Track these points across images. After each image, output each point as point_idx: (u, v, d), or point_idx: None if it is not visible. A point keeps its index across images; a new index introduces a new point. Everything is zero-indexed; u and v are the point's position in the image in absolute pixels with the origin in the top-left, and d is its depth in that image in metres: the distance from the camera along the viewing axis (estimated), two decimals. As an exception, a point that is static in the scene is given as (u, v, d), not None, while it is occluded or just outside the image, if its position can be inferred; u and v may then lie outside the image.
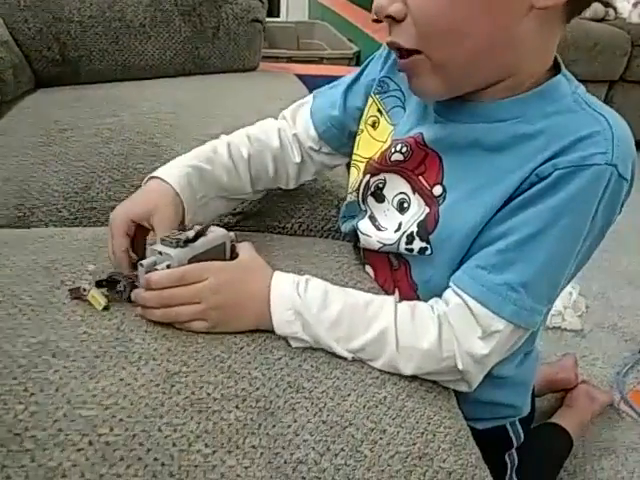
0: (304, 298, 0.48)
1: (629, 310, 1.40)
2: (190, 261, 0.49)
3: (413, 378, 0.50)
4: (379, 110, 0.59)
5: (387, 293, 0.58)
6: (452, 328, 0.48)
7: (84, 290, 0.49)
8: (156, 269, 0.47)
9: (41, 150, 0.83)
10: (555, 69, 0.49)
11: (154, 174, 0.57)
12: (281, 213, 0.74)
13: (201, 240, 0.50)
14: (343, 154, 0.67)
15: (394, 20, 0.44)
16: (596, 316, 1.36)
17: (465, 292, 0.47)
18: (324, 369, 0.48)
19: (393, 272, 0.57)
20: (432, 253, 0.51)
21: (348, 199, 0.63)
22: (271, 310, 0.48)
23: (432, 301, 0.51)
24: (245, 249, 0.54)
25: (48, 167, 0.78)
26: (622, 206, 0.49)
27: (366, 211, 0.60)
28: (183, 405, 0.42)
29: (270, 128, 0.66)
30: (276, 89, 1.19)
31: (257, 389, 0.44)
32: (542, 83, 0.48)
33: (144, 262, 0.47)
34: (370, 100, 0.61)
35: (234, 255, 0.54)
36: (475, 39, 0.44)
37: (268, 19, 2.53)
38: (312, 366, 0.48)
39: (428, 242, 0.51)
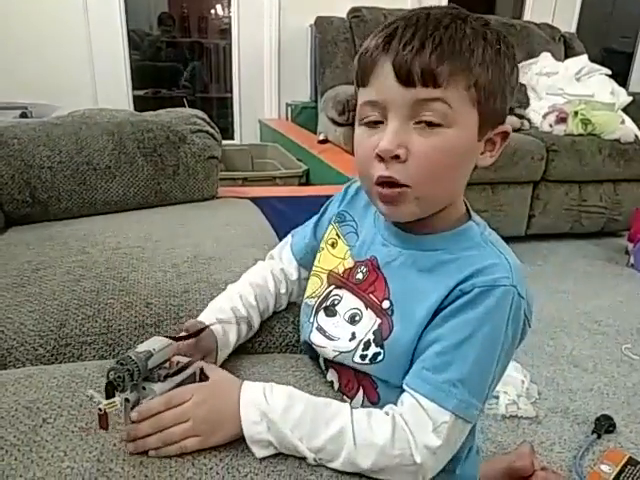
0: (270, 400, 0.56)
1: (578, 393, 1.47)
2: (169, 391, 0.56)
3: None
4: (337, 234, 0.74)
5: (350, 394, 0.66)
6: (407, 426, 0.55)
7: (100, 410, 0.53)
8: (141, 403, 0.54)
9: (15, 291, 0.89)
10: (467, 213, 0.66)
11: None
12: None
13: (179, 373, 0.58)
14: None
15: (397, 161, 0.56)
16: (549, 402, 1.42)
17: (416, 392, 0.57)
18: (287, 482, 0.53)
19: (356, 373, 0.65)
20: (384, 358, 0.61)
21: (307, 302, 0.74)
22: (240, 413, 0.55)
23: (387, 407, 0.59)
24: (213, 370, 0.62)
25: (23, 308, 0.84)
26: (529, 321, 0.60)
27: (313, 323, 0.70)
28: (161, 528, 0.47)
29: (265, 273, 0.81)
30: (233, 216, 1.31)
31: (227, 505, 0.50)
32: (460, 226, 0.63)
33: (130, 397, 0.54)
34: (330, 227, 0.76)
35: (203, 379, 0.61)
36: (449, 180, 0.59)
37: (225, 142, 2.75)
38: None
39: (382, 347, 0.61)
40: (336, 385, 0.69)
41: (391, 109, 0.55)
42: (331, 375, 0.70)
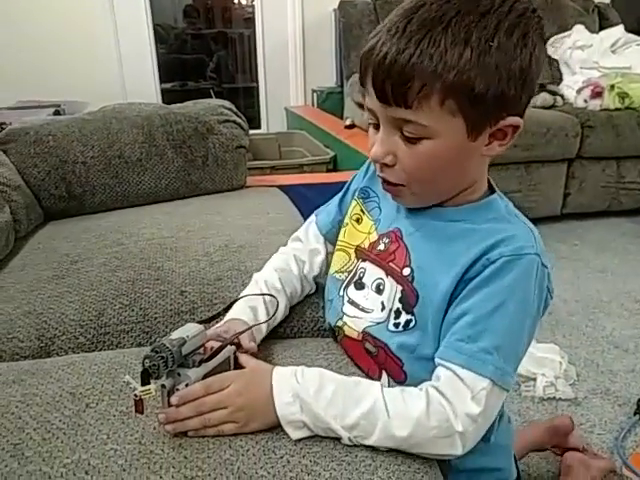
0: (301, 382, 0.57)
1: (619, 374, 1.43)
2: (204, 377, 0.58)
3: (402, 462, 0.56)
4: (362, 210, 0.75)
5: (374, 378, 0.67)
6: (444, 398, 0.56)
7: (135, 396, 0.54)
8: (177, 389, 0.56)
9: (56, 283, 0.93)
10: (490, 189, 0.66)
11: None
12: (275, 320, 0.83)
13: (213, 358, 0.59)
14: None
15: (387, 166, 0.60)
16: (588, 383, 1.40)
17: (452, 362, 0.57)
18: (322, 462, 0.54)
19: (374, 358, 0.66)
20: (416, 324, 0.62)
21: (335, 277, 0.74)
22: (273, 395, 0.57)
23: (420, 385, 0.59)
24: (247, 358, 0.64)
25: (64, 298, 0.88)
26: (550, 292, 0.61)
27: (343, 297, 0.71)
28: (201, 506, 0.48)
29: (287, 257, 0.82)
30: (262, 204, 1.32)
31: (264, 486, 0.51)
32: (483, 199, 0.64)
33: (166, 383, 0.55)
34: (354, 203, 0.76)
35: (237, 365, 0.63)
36: (445, 180, 0.61)
37: (252, 132, 2.77)
38: (311, 461, 0.54)
39: (412, 314, 0.62)
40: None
41: (380, 119, 0.58)
42: (355, 364, 0.71)
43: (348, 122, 2.54)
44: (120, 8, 2.95)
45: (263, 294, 0.76)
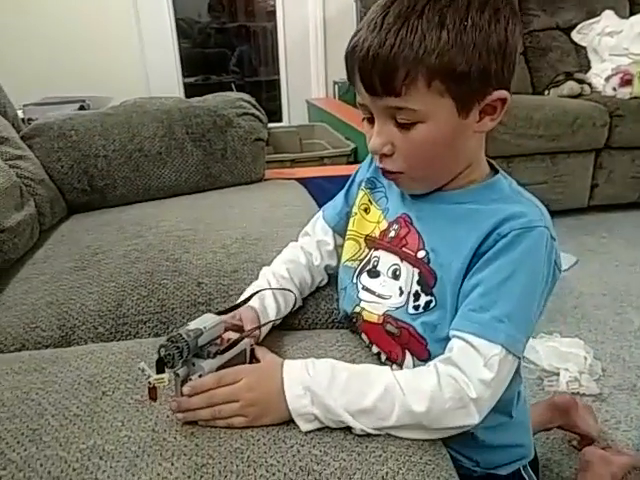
0: (312, 374, 0.58)
1: (646, 370, 1.41)
2: (218, 369, 0.58)
3: (414, 453, 0.56)
4: (369, 200, 0.76)
5: (398, 360, 0.67)
6: (457, 367, 0.57)
7: (149, 384, 0.56)
8: (190, 379, 0.56)
9: (77, 274, 0.95)
10: (493, 171, 0.67)
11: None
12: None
13: (229, 350, 0.60)
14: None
15: (386, 156, 0.61)
16: (614, 379, 1.37)
17: (464, 332, 0.58)
18: (331, 453, 0.54)
19: (396, 339, 0.67)
20: (436, 304, 0.63)
21: (347, 265, 0.75)
22: (284, 389, 0.57)
23: (428, 363, 0.60)
24: (263, 351, 0.65)
25: (84, 289, 0.89)
26: (558, 266, 0.62)
27: (357, 284, 0.72)
28: (211, 493, 0.49)
29: (295, 250, 0.84)
30: (280, 197, 1.32)
31: (273, 474, 0.51)
32: (485, 180, 0.65)
33: (180, 373, 0.56)
34: (362, 193, 0.77)
35: (253, 358, 0.64)
36: (443, 160, 0.62)
37: (273, 124, 2.77)
38: (321, 451, 0.54)
39: (432, 295, 0.63)
40: (383, 357, 0.70)
41: (373, 111, 0.60)
42: (376, 348, 0.71)
43: (369, 114, 2.52)
44: (143, 4, 2.98)
45: (278, 288, 0.76)
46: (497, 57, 0.56)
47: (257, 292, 0.74)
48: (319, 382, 0.57)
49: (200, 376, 0.57)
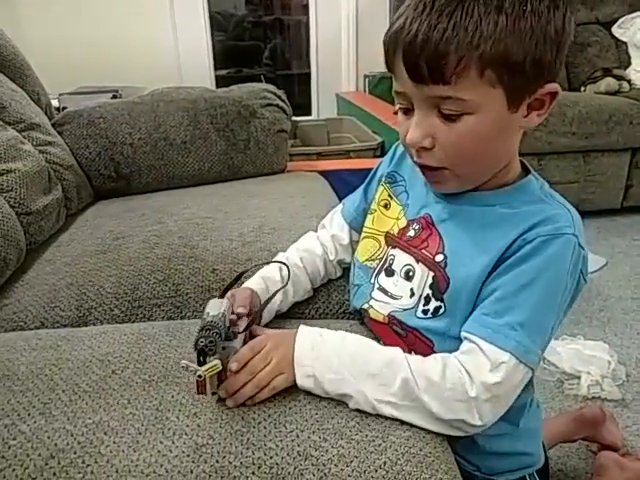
0: (324, 337, 0.61)
1: (673, 377, 1.36)
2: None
3: (414, 445, 0.55)
4: (389, 195, 0.74)
5: None
6: (463, 366, 0.56)
7: (200, 377, 0.55)
8: (228, 360, 0.57)
9: (97, 257, 0.97)
10: (525, 171, 0.64)
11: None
12: (301, 301, 0.84)
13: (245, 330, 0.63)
14: None
15: (425, 150, 0.57)
16: (638, 385, 1.33)
17: (474, 335, 0.57)
18: (330, 439, 0.54)
19: (403, 339, 0.66)
20: (445, 311, 0.61)
21: (366, 264, 0.74)
22: (296, 340, 0.60)
23: (440, 354, 0.60)
24: (260, 328, 0.67)
25: (103, 272, 0.92)
26: (585, 276, 0.59)
27: (374, 284, 0.71)
28: (209, 472, 0.50)
29: (311, 240, 0.84)
30: (300, 188, 1.33)
31: (271, 457, 0.52)
32: (518, 181, 0.62)
33: (222, 357, 0.57)
34: (381, 188, 0.75)
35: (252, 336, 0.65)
36: (488, 157, 0.59)
37: (302, 118, 2.77)
38: (320, 437, 0.54)
39: (442, 301, 0.62)
40: None
41: (414, 101, 0.56)
42: (383, 343, 0.70)
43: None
44: (178, -2, 3.03)
45: (270, 262, 0.77)
46: (552, 47, 0.52)
47: (241, 274, 0.75)
48: (328, 341, 0.60)
49: (234, 354, 0.59)
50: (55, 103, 1.97)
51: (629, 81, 2.48)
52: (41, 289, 0.89)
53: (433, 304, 0.62)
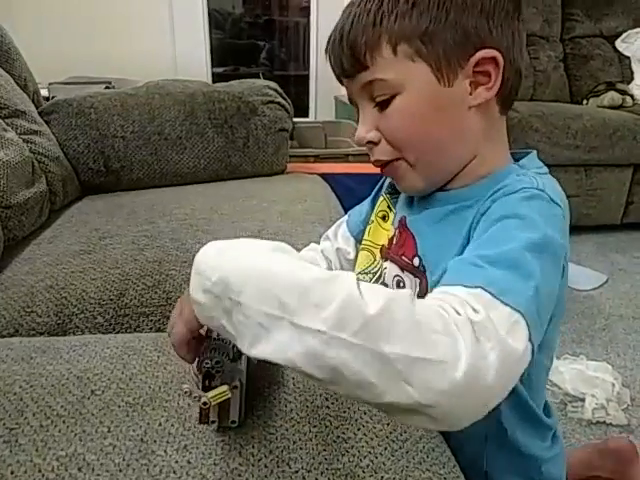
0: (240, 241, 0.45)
1: (679, 402, 1.32)
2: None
3: (413, 471, 0.49)
4: (388, 206, 0.69)
5: None
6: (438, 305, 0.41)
7: (205, 404, 0.46)
8: (234, 385, 0.48)
9: (81, 258, 0.89)
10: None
11: None
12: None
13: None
14: None
15: (373, 144, 0.57)
16: (643, 409, 1.29)
17: (442, 284, 0.44)
18: (341, 482, 0.47)
19: None
20: None
21: (359, 278, 0.65)
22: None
23: None
24: None
25: (87, 275, 0.84)
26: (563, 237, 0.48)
27: None
28: (200, 522, 0.42)
29: (313, 252, 0.78)
30: (301, 191, 1.26)
31: (274, 504, 0.44)
32: (492, 174, 0.55)
33: (237, 384, 0.48)
34: (381, 198, 0.71)
35: None
36: (436, 139, 0.55)
37: (298, 119, 2.70)
38: (329, 479, 0.47)
39: None
40: None
41: (355, 98, 0.57)
42: None
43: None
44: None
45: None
46: (472, 10, 0.51)
47: None
48: (244, 243, 0.43)
49: (239, 380, 0.49)
50: (44, 92, 1.89)
51: (632, 96, 2.45)
52: (17, 291, 0.81)
53: None
